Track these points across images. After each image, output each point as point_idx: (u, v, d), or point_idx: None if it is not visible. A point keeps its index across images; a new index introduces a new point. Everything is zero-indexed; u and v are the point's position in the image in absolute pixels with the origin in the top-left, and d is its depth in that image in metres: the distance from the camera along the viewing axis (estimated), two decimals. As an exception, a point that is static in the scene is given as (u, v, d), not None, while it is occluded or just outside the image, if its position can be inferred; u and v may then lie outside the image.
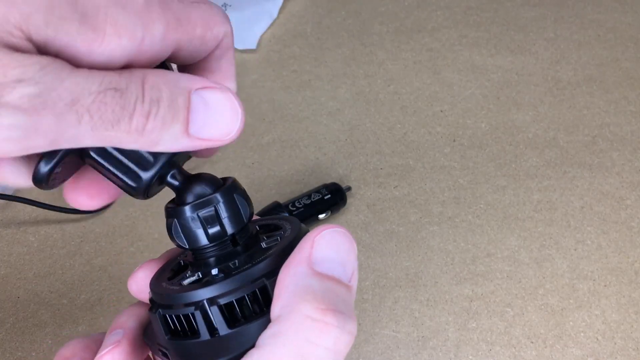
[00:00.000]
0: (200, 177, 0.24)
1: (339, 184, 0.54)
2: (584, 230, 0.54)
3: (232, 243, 0.24)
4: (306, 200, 0.52)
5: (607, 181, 0.56)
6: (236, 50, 0.66)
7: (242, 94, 0.63)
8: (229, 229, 0.23)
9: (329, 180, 0.55)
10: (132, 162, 0.23)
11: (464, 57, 0.66)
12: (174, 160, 0.24)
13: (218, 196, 0.23)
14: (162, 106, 0.20)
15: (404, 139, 0.59)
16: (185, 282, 0.23)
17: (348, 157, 0.58)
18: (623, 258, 0.52)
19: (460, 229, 0.54)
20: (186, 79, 0.21)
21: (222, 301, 0.22)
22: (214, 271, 0.23)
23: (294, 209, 0.51)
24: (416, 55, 0.66)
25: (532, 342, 0.48)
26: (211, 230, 0.23)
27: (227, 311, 0.22)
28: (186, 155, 0.25)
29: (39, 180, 0.22)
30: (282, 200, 0.52)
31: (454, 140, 0.59)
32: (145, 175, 0.23)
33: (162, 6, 0.21)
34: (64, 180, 0.24)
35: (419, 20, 0.69)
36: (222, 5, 0.68)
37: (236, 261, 0.23)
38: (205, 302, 0.22)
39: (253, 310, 0.22)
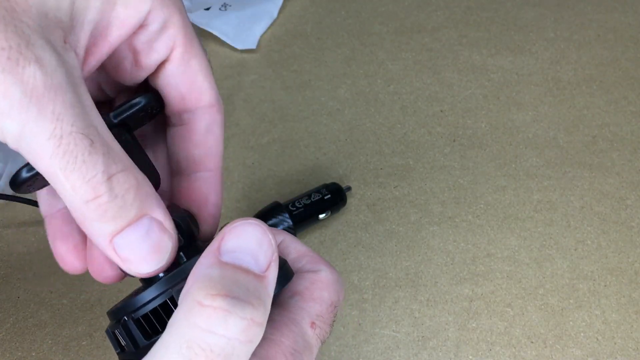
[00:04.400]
0: None
1: (339, 184, 0.54)
2: (584, 230, 0.54)
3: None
4: (306, 200, 0.52)
5: (607, 181, 0.56)
6: (236, 50, 0.66)
7: (242, 94, 0.63)
8: None
9: (329, 180, 0.55)
10: None
11: (464, 57, 0.66)
12: None
13: None
14: (115, 201, 0.21)
15: (404, 139, 0.59)
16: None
17: (348, 157, 0.58)
18: (623, 258, 0.52)
19: (460, 229, 0.54)
20: (150, 201, 0.22)
21: (137, 315, 0.23)
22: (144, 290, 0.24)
23: (294, 209, 0.51)
24: (416, 55, 0.66)
25: (532, 342, 0.48)
26: None
27: (147, 323, 0.23)
28: None
29: (17, 185, 0.23)
30: (282, 200, 0.52)
31: (454, 140, 0.59)
32: None
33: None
34: (40, 188, 0.25)
35: (419, 20, 0.69)
36: (222, 5, 0.68)
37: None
38: (125, 317, 0.23)
39: (168, 319, 0.22)
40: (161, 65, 0.25)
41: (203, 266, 0.21)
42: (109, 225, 0.21)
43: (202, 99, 0.26)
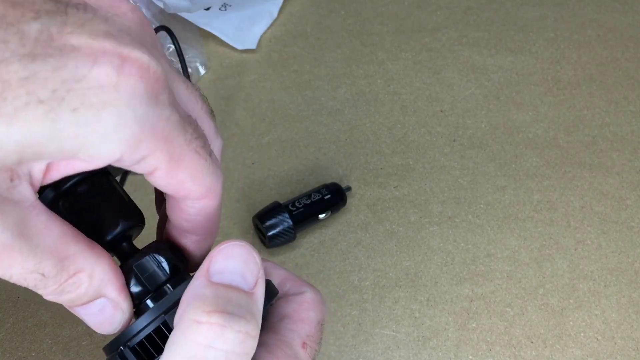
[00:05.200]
0: (142, 252, 0.27)
1: (339, 184, 0.54)
2: (584, 230, 0.54)
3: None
4: (306, 200, 0.52)
5: (607, 181, 0.56)
6: (236, 50, 0.66)
7: (242, 94, 0.63)
8: (151, 288, 0.26)
9: (329, 180, 0.55)
10: (90, 225, 0.25)
11: (464, 57, 0.66)
12: (124, 234, 0.27)
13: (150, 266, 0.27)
14: (68, 295, 0.23)
15: (404, 139, 0.59)
16: None
17: (348, 157, 0.58)
18: (623, 258, 0.52)
19: (460, 229, 0.54)
20: (103, 285, 0.24)
21: (132, 343, 0.24)
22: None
23: (294, 209, 0.51)
24: (416, 55, 0.66)
25: (532, 342, 0.48)
26: (135, 290, 0.26)
27: (142, 350, 0.24)
28: (139, 230, 0.28)
29: None
30: (282, 200, 0.52)
31: (454, 140, 0.59)
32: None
33: (159, 139, 0.21)
34: None
35: (419, 20, 0.69)
36: (222, 5, 0.68)
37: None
38: (121, 347, 0.24)
39: (163, 344, 0.23)
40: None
41: (195, 288, 0.22)
42: (66, 304, 0.24)
43: (190, 195, 0.25)
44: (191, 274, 0.24)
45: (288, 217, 0.50)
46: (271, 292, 0.26)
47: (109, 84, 0.19)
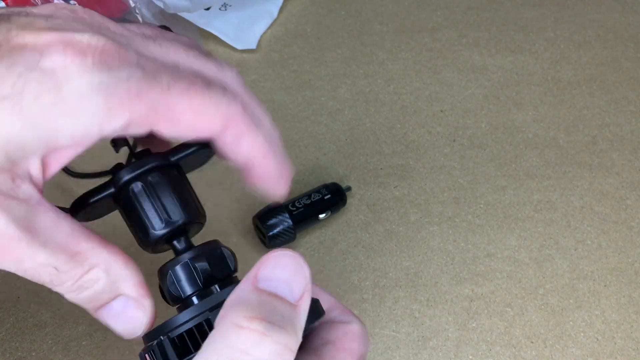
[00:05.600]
0: (197, 248, 0.27)
1: (339, 184, 0.54)
2: (584, 230, 0.54)
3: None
4: (306, 200, 0.52)
5: (607, 181, 0.56)
6: (236, 50, 0.66)
7: (242, 94, 0.63)
8: (200, 286, 0.26)
9: (329, 180, 0.55)
10: (147, 218, 0.26)
11: (464, 57, 0.66)
12: (185, 228, 0.27)
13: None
14: (86, 292, 0.24)
15: (404, 139, 0.59)
16: None
17: (348, 157, 0.58)
18: (623, 258, 0.52)
19: (460, 229, 0.54)
20: (121, 282, 0.25)
21: (173, 334, 0.24)
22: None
23: (294, 209, 0.51)
24: (416, 55, 0.66)
25: (532, 342, 0.48)
26: (184, 285, 0.26)
27: (181, 344, 0.24)
28: (198, 228, 0.28)
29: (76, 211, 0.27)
30: (282, 200, 0.52)
31: (454, 140, 0.59)
32: (154, 234, 0.26)
33: (130, 98, 0.22)
34: (90, 219, 0.28)
35: (419, 20, 0.69)
36: (222, 5, 0.68)
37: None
38: (161, 337, 0.24)
39: (202, 341, 0.23)
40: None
41: (240, 292, 0.22)
42: (88, 305, 0.25)
43: (211, 131, 0.26)
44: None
45: (288, 217, 0.50)
46: (317, 311, 0.26)
47: (59, 67, 0.21)
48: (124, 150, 0.29)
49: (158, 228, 0.26)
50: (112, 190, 0.27)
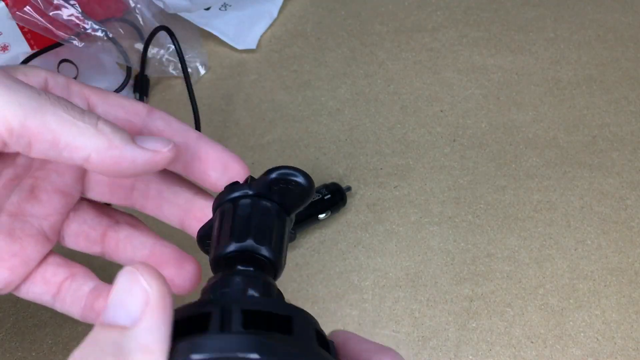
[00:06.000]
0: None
1: (339, 184, 0.54)
2: (584, 230, 0.54)
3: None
4: (306, 200, 0.52)
5: (607, 181, 0.56)
6: (236, 50, 0.66)
7: (242, 94, 0.63)
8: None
9: (329, 180, 0.55)
10: (229, 231, 0.25)
11: (464, 57, 0.66)
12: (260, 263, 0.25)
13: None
14: (109, 121, 0.25)
15: (404, 139, 0.59)
16: None
17: (348, 157, 0.58)
18: (623, 258, 0.52)
19: (460, 229, 0.54)
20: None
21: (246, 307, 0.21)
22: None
23: (294, 209, 0.51)
24: (416, 55, 0.66)
25: (532, 342, 0.48)
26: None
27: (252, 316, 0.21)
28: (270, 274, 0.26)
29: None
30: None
31: (454, 140, 0.59)
32: (225, 249, 0.25)
33: None
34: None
35: (419, 20, 0.69)
36: (222, 6, 0.68)
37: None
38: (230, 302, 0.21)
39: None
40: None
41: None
42: (123, 133, 0.24)
43: (140, 112, 0.29)
44: None
45: (288, 217, 0.50)
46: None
47: None
48: None
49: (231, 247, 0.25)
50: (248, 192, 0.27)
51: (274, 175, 0.26)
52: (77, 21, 0.55)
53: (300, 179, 0.26)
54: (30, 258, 0.28)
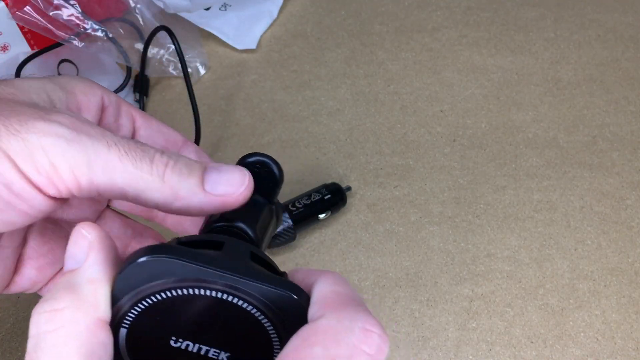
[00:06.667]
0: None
1: (339, 184, 0.54)
2: (584, 230, 0.54)
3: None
4: (306, 200, 0.52)
5: (607, 181, 0.56)
6: (236, 50, 0.66)
7: (242, 94, 0.63)
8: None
9: (329, 180, 0.55)
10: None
11: (464, 57, 0.66)
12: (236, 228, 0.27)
13: None
14: (179, 161, 0.24)
15: (404, 139, 0.59)
16: None
17: (348, 157, 0.58)
18: (623, 258, 0.52)
19: (460, 229, 0.54)
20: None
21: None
22: None
23: (294, 209, 0.51)
24: (416, 55, 0.66)
25: (532, 342, 0.48)
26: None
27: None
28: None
29: None
30: (282, 200, 0.52)
31: (454, 140, 0.59)
32: None
33: None
34: None
35: (419, 20, 0.69)
36: (222, 6, 0.68)
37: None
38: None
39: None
40: (136, 138, 0.30)
41: None
42: (192, 178, 0.24)
43: (177, 142, 0.30)
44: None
45: (288, 217, 0.50)
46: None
47: None
48: None
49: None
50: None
51: (250, 159, 0.29)
52: (77, 21, 0.55)
53: (272, 166, 0.29)
54: (58, 260, 0.29)
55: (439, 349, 0.48)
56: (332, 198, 0.53)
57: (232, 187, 0.25)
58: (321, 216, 0.52)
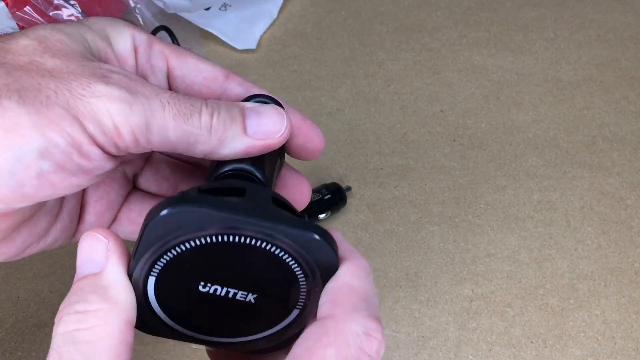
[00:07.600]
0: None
1: (339, 184, 0.54)
2: (584, 230, 0.54)
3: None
4: (306, 200, 0.52)
5: (607, 181, 0.56)
6: (236, 50, 0.66)
7: (242, 94, 0.63)
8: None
9: (329, 180, 0.55)
10: None
11: (464, 57, 0.66)
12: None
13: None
14: (222, 110, 0.25)
15: (404, 139, 0.59)
16: None
17: (348, 157, 0.58)
18: (623, 258, 0.52)
19: (460, 229, 0.54)
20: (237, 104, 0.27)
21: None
22: None
23: (294, 209, 0.51)
24: (416, 55, 0.66)
25: (532, 342, 0.48)
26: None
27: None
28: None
29: None
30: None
31: (454, 140, 0.59)
32: None
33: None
34: None
35: (419, 20, 0.69)
36: (222, 5, 0.68)
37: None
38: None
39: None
40: (171, 78, 0.30)
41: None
42: (235, 126, 0.26)
43: (218, 78, 0.30)
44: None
45: (288, 217, 0.50)
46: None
47: None
48: None
49: None
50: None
51: (255, 100, 0.30)
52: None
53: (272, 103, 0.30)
54: (112, 204, 0.30)
55: (439, 349, 0.48)
56: (332, 198, 0.53)
57: (274, 130, 0.27)
58: (321, 216, 0.52)
